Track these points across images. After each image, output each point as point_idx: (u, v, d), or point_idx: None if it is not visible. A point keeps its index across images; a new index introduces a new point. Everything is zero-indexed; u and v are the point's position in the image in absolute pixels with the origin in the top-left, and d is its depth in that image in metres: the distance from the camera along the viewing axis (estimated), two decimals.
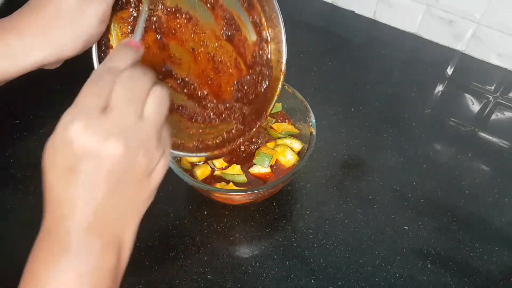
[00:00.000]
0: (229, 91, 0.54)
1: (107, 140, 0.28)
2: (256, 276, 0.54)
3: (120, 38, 0.46)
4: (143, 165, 0.30)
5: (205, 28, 0.51)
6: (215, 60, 0.52)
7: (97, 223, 0.30)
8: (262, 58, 0.55)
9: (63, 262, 0.29)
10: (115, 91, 0.29)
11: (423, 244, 0.58)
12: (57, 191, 0.30)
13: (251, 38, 0.53)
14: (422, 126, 0.74)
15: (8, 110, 0.73)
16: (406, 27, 0.93)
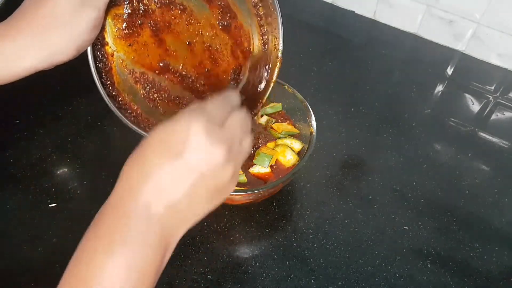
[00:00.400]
0: (226, 80, 0.54)
1: (218, 146, 0.31)
2: (256, 276, 0.54)
3: (115, 34, 0.46)
4: (225, 179, 0.33)
5: (199, 18, 0.50)
6: (211, 50, 0.52)
7: (164, 218, 0.31)
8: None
9: (119, 245, 0.29)
10: (233, 116, 0.34)
11: (423, 244, 0.58)
12: (147, 170, 0.30)
13: (248, 25, 0.53)
14: (422, 126, 0.74)
15: (8, 110, 0.73)
16: (406, 27, 0.93)
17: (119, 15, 0.46)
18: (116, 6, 0.45)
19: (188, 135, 0.30)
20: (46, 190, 0.62)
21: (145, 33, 0.48)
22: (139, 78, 0.49)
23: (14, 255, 0.56)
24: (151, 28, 0.48)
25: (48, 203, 0.60)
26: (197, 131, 0.30)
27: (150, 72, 0.49)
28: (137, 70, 0.49)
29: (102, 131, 0.71)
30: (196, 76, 0.52)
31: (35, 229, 0.58)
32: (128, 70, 0.48)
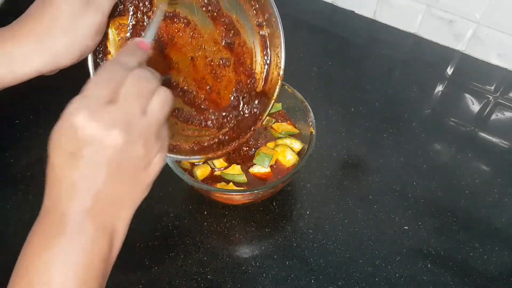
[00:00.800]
0: (227, 96, 0.54)
1: (110, 129, 0.29)
2: (256, 276, 0.54)
3: (118, 43, 0.46)
4: (141, 157, 0.32)
5: (203, 33, 0.51)
6: (213, 65, 0.52)
7: (93, 208, 0.31)
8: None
9: (57, 244, 0.30)
10: (125, 86, 0.31)
11: (423, 244, 0.58)
12: (58, 175, 0.31)
13: (251, 43, 0.53)
14: (422, 126, 0.74)
15: (8, 110, 0.73)
16: (406, 27, 0.93)
17: (123, 25, 0.46)
18: (120, 16, 0.45)
19: (74, 130, 0.29)
20: None
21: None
22: None
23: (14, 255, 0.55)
24: (154, 40, 0.48)
25: None
26: (81, 123, 0.29)
27: None
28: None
29: None
30: (197, 90, 0.52)
31: None
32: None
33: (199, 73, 0.52)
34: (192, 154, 0.50)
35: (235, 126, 0.54)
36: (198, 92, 0.52)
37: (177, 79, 0.51)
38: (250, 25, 0.52)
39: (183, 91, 0.52)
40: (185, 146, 0.51)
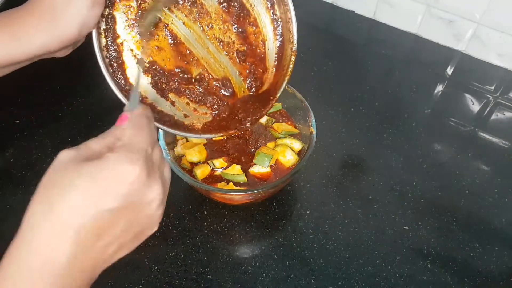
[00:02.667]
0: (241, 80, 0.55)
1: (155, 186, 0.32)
2: (256, 276, 0.54)
3: (125, 23, 0.47)
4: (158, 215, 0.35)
5: (210, 11, 0.51)
6: (223, 45, 0.53)
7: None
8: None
9: None
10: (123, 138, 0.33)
11: (423, 244, 0.58)
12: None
13: (261, 20, 0.53)
14: (422, 126, 0.74)
15: (8, 110, 0.73)
16: (406, 27, 0.93)
17: (129, 7, 0.47)
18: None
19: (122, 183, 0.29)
20: None
21: (164, 42, 0.49)
22: (148, 67, 0.50)
23: None
24: (167, 34, 0.49)
25: None
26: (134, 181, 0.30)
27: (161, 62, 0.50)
28: (146, 59, 0.49)
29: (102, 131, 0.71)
30: (209, 75, 0.53)
31: None
32: (137, 59, 0.49)
33: (211, 54, 0.52)
34: (203, 133, 0.51)
35: (247, 105, 0.54)
36: (210, 77, 0.53)
37: (189, 68, 0.52)
38: (260, 3, 0.52)
39: (197, 79, 0.52)
40: (198, 126, 0.52)
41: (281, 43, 0.55)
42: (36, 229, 0.28)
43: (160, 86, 0.51)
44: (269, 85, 0.55)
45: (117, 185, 0.29)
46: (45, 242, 0.28)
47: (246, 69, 0.54)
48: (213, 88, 0.54)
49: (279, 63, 0.55)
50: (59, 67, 0.82)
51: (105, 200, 0.29)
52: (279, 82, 0.54)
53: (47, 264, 0.28)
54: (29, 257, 0.28)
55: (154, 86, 0.51)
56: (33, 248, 0.28)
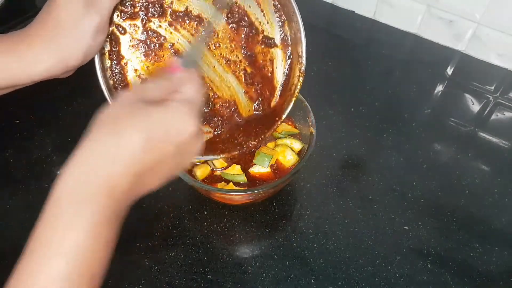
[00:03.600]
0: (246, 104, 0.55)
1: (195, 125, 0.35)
2: (256, 276, 0.54)
3: (129, 43, 0.47)
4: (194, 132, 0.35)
5: (217, 30, 0.50)
6: (230, 64, 0.52)
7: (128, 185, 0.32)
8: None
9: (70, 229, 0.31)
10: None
11: (423, 244, 0.58)
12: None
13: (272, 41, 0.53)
14: (422, 126, 0.74)
15: (8, 110, 0.73)
16: (406, 27, 0.93)
17: (135, 26, 0.46)
18: (132, 19, 0.46)
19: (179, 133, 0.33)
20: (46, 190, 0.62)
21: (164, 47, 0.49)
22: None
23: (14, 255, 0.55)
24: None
25: None
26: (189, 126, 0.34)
27: None
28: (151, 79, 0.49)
29: None
30: (214, 94, 0.53)
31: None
32: (141, 79, 0.49)
33: (216, 74, 0.52)
34: (206, 153, 0.51)
35: (251, 126, 0.55)
36: (216, 96, 0.53)
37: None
38: (270, 22, 0.52)
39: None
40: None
41: (290, 63, 0.54)
42: (104, 153, 0.31)
43: None
44: (275, 106, 0.55)
45: (180, 134, 0.33)
46: (112, 168, 0.31)
47: (253, 89, 0.54)
48: (218, 108, 0.54)
49: (286, 83, 0.55)
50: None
51: (168, 143, 0.33)
52: (285, 103, 0.54)
53: (111, 187, 0.31)
54: (94, 178, 0.31)
55: None
56: (100, 170, 0.31)
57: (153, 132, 0.32)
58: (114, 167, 0.31)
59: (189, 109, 0.34)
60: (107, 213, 0.31)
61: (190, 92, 0.35)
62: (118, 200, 0.32)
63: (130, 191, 0.33)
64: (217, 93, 0.53)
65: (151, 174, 0.33)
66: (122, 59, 0.47)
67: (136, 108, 0.32)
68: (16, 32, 0.40)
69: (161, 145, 0.32)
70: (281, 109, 0.54)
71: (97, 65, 0.44)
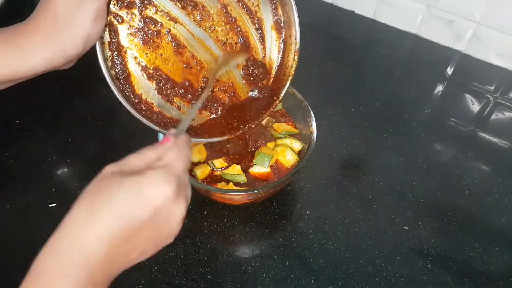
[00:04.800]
0: (243, 88, 0.55)
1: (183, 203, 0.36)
2: (256, 276, 0.54)
3: (128, 32, 0.47)
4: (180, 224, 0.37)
5: (212, 13, 0.51)
6: (226, 47, 0.53)
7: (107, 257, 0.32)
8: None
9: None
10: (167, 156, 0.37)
11: (423, 244, 0.58)
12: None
13: (266, 22, 0.54)
14: (422, 126, 0.74)
15: (8, 110, 0.73)
16: (406, 27, 0.93)
17: (132, 14, 0.47)
18: (128, 8, 0.46)
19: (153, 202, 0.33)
20: (46, 190, 0.62)
21: (168, 51, 0.50)
22: (152, 73, 0.50)
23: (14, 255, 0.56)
24: (172, 42, 0.50)
25: (48, 203, 0.60)
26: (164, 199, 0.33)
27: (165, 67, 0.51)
28: (150, 66, 0.50)
29: (102, 131, 0.71)
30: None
31: (35, 229, 0.58)
32: (141, 66, 0.49)
33: (213, 57, 0.53)
34: (209, 136, 0.52)
35: (250, 107, 0.55)
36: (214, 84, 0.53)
37: (194, 72, 0.52)
38: (264, 5, 0.53)
39: (201, 87, 0.53)
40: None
41: (284, 43, 0.55)
42: (78, 227, 0.32)
43: (165, 92, 0.51)
44: (272, 86, 0.56)
45: (153, 199, 0.32)
46: (86, 239, 0.31)
47: (249, 70, 0.55)
48: (217, 91, 0.54)
49: (282, 63, 0.55)
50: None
51: (140, 210, 0.32)
52: (282, 82, 0.54)
53: (85, 258, 0.31)
54: (69, 250, 0.31)
55: (159, 92, 0.51)
56: (75, 243, 0.31)
57: (125, 202, 0.32)
58: (88, 238, 0.31)
59: (165, 173, 0.33)
60: (81, 283, 0.31)
61: (170, 157, 0.35)
62: (94, 269, 0.31)
63: (107, 262, 0.32)
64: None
65: (130, 245, 0.33)
66: (122, 48, 0.47)
67: (111, 182, 0.33)
68: (14, 26, 0.40)
69: (135, 213, 0.32)
70: (278, 89, 0.54)
71: (99, 54, 0.44)
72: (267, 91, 0.55)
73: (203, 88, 0.53)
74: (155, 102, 0.51)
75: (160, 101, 0.51)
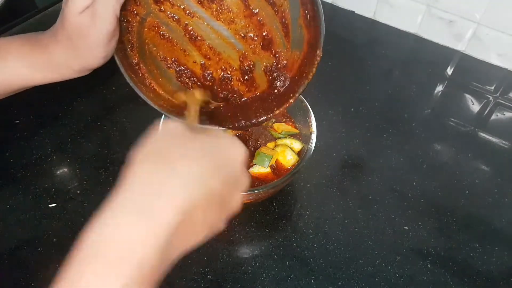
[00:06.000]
0: (261, 78, 0.54)
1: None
2: (256, 276, 0.54)
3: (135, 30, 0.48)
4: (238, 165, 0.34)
5: (231, 6, 0.50)
6: (246, 40, 0.52)
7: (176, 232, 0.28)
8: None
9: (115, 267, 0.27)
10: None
11: (423, 244, 0.58)
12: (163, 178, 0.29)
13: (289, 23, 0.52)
14: (422, 126, 0.74)
15: (8, 110, 0.73)
16: (406, 27, 0.93)
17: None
18: (136, 5, 0.46)
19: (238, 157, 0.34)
20: (46, 190, 0.62)
21: (178, 34, 0.50)
22: (171, 63, 0.51)
23: (14, 255, 0.56)
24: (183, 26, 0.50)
25: (48, 203, 0.60)
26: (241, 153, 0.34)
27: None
28: (169, 58, 0.51)
29: (102, 131, 0.71)
30: (229, 71, 0.53)
31: (35, 229, 0.58)
32: (160, 56, 0.50)
33: (233, 49, 0.52)
34: (219, 125, 0.51)
35: (264, 102, 0.54)
36: (231, 73, 0.53)
37: (212, 64, 0.52)
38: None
39: (220, 79, 0.53)
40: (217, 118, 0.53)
41: (309, 40, 0.53)
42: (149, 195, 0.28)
43: (183, 80, 0.52)
44: (290, 83, 0.55)
45: (233, 158, 0.33)
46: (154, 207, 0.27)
47: (270, 65, 0.54)
48: (235, 81, 0.54)
49: (303, 60, 0.54)
50: None
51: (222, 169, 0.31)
52: (300, 80, 0.53)
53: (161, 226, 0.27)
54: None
55: (179, 78, 0.52)
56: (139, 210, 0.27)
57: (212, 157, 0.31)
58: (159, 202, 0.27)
59: (234, 138, 0.34)
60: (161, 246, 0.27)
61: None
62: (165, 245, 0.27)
63: (178, 236, 0.28)
64: (235, 66, 0.53)
65: (201, 215, 0.29)
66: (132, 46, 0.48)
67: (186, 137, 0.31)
68: (40, 33, 0.43)
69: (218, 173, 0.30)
70: (293, 90, 0.54)
71: (118, 61, 0.45)
72: (287, 84, 0.54)
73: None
74: (175, 88, 0.51)
75: (179, 87, 0.52)
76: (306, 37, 0.53)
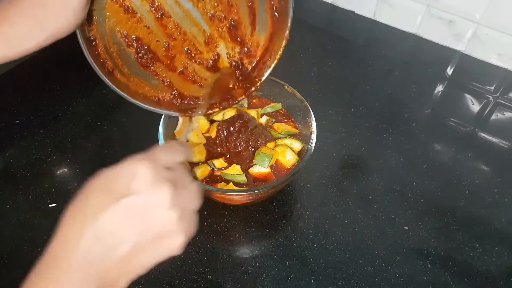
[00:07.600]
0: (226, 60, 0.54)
1: (162, 184, 0.32)
2: (256, 276, 0.54)
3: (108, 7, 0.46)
4: (171, 223, 0.33)
5: None
6: (214, 20, 0.51)
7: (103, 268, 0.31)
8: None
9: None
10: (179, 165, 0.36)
11: (423, 244, 0.58)
12: (89, 216, 0.31)
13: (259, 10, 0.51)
14: (422, 126, 0.74)
15: (8, 110, 0.73)
16: (406, 27, 0.93)
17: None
18: None
19: (132, 178, 0.31)
20: (46, 190, 0.62)
21: (151, 18, 0.48)
22: (132, 42, 0.49)
23: (14, 255, 0.56)
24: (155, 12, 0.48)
25: (48, 203, 0.60)
26: (141, 173, 0.31)
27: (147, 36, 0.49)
28: (130, 36, 0.48)
29: (102, 131, 0.71)
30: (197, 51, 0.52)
31: (35, 229, 0.58)
32: (121, 34, 0.48)
33: (200, 31, 0.51)
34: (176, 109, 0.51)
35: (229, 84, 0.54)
36: (196, 52, 0.52)
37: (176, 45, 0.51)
38: None
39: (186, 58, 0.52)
40: (167, 99, 0.52)
41: (275, 26, 0.53)
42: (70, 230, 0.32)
43: (144, 62, 0.50)
44: (254, 68, 0.54)
45: (123, 179, 0.32)
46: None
47: (236, 46, 0.53)
48: (199, 69, 0.53)
49: (268, 46, 0.53)
50: (59, 67, 0.82)
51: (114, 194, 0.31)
52: (266, 63, 0.52)
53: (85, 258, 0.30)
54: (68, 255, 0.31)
55: (138, 60, 0.50)
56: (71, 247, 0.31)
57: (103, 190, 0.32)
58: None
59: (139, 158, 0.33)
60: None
61: (151, 152, 0.35)
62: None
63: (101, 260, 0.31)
64: (199, 49, 0.52)
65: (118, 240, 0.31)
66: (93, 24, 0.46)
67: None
68: None
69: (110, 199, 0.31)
70: (262, 69, 0.53)
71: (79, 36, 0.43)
72: (252, 68, 0.54)
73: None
74: (132, 69, 0.49)
75: (139, 70, 0.50)
76: (272, 20, 0.51)
